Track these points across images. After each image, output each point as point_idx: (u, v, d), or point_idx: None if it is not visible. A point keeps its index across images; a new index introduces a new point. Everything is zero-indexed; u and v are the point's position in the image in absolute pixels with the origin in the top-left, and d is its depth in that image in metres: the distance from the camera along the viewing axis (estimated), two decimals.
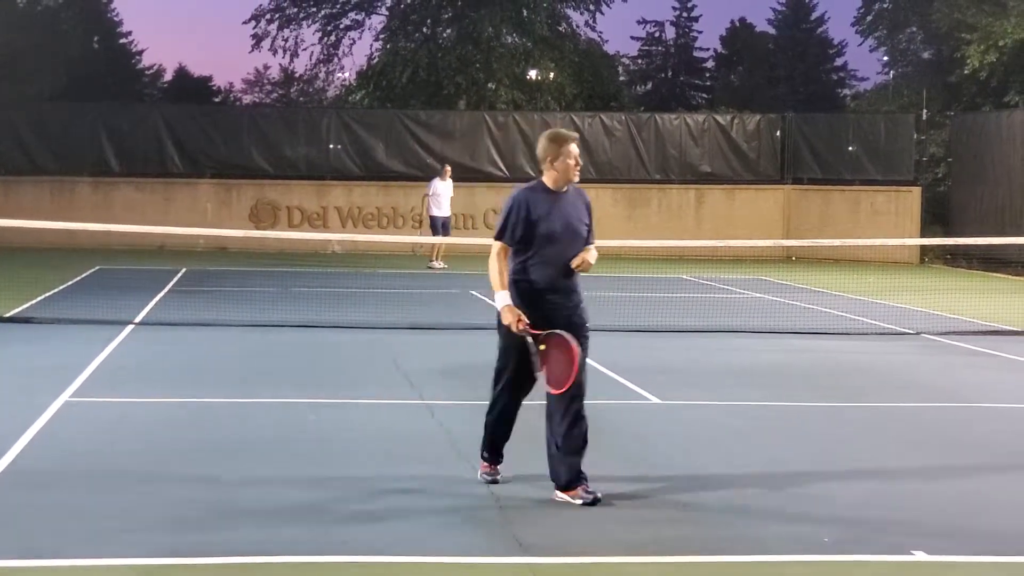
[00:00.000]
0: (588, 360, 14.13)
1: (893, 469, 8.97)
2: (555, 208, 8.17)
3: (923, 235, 32.77)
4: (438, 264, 27.84)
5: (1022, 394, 12.58)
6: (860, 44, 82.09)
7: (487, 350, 14.93)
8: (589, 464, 9.06)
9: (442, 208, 27.67)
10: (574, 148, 8.06)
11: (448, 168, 28.43)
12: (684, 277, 26.97)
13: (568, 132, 8.24)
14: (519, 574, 6.41)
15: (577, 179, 8.20)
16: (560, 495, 7.81)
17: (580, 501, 7.70)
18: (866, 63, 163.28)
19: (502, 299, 8.27)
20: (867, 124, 36.44)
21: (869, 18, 46.77)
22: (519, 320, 8.13)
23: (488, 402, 8.63)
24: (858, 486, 8.44)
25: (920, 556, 6.68)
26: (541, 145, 8.19)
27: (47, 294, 20.29)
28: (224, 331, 16.12)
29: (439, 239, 27.22)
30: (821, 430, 10.66)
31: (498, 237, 8.44)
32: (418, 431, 10.03)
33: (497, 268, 8.39)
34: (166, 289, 21.81)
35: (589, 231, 8.27)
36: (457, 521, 7.39)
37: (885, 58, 49.91)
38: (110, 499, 7.75)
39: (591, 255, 8.11)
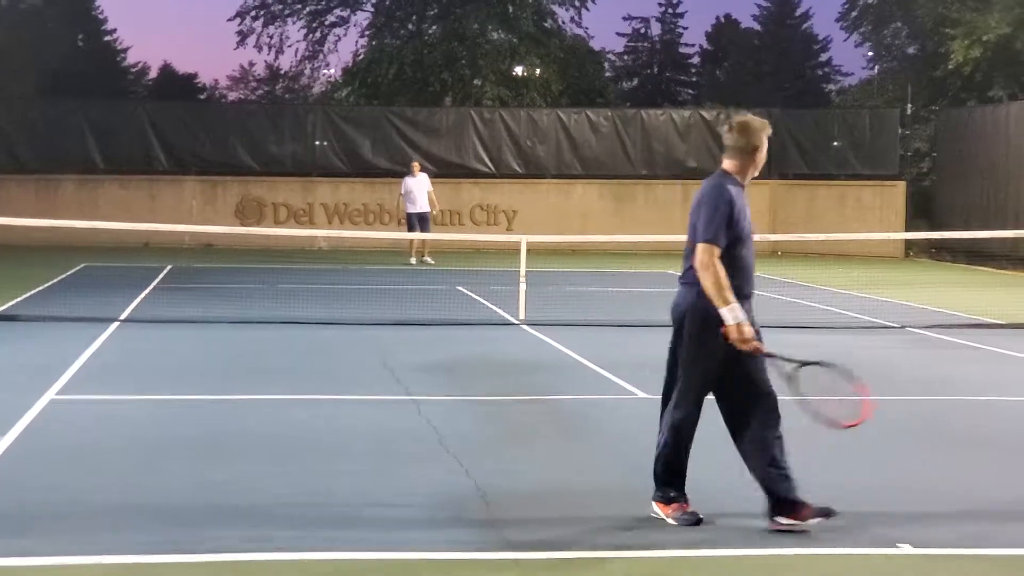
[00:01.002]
0: (575, 355, 14.16)
1: (878, 462, 8.98)
2: (745, 205, 7.49)
3: (908, 229, 32.82)
4: (414, 260, 27.65)
5: (1006, 386, 12.61)
6: (845, 40, 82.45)
7: (473, 346, 14.98)
8: (577, 457, 9.08)
9: (416, 204, 27.55)
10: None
11: (416, 164, 28.35)
12: (670, 272, 26.92)
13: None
14: (505, 569, 6.41)
15: None
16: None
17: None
18: (851, 59, 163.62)
19: (734, 315, 7.14)
20: (852, 119, 36.55)
21: (854, 14, 46.77)
22: (756, 343, 7.34)
23: (661, 428, 7.65)
24: (843, 479, 8.46)
25: (906, 549, 6.69)
26: (745, 133, 7.44)
27: (32, 292, 20.24)
28: (210, 328, 16.09)
29: (416, 235, 27.19)
30: (805, 423, 10.63)
31: (710, 240, 7.26)
32: (405, 427, 10.01)
33: (720, 276, 7.18)
34: (152, 286, 21.77)
35: None
36: (443, 517, 7.38)
37: (870, 53, 49.95)
38: (97, 497, 7.73)
39: None
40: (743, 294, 7.31)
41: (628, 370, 13.00)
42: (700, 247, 7.29)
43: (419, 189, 27.63)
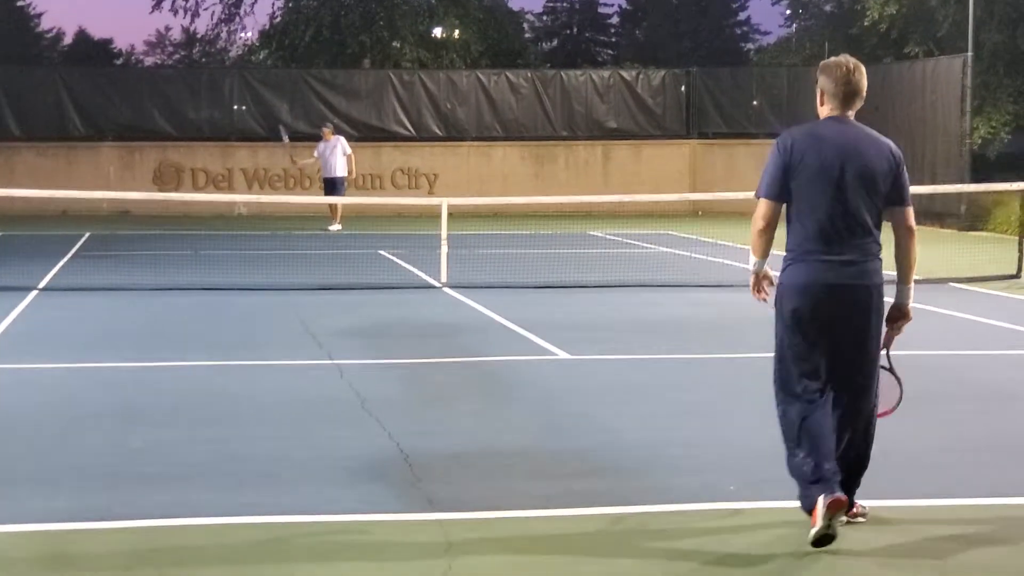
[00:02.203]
0: (497, 317, 14.16)
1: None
2: None
3: None
4: (334, 227, 27.38)
5: (937, 340, 12.59)
6: None
7: (395, 309, 14.97)
8: (498, 418, 9.11)
9: (330, 169, 27.26)
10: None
11: (326, 129, 28.00)
12: (591, 233, 27.08)
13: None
14: (428, 530, 6.43)
15: None
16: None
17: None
18: (768, 17, 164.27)
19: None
20: (770, 78, 36.80)
21: None
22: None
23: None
24: (762, 435, 8.51)
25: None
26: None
27: None
28: (130, 295, 15.96)
29: (333, 199, 26.81)
30: (725, 382, 10.78)
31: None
32: (327, 392, 9.99)
33: None
34: (70, 254, 21.55)
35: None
36: (367, 479, 7.39)
37: (787, 12, 50.19)
38: (13, 465, 7.67)
39: None
40: None
41: (549, 331, 13.05)
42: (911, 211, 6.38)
43: (331, 154, 27.31)
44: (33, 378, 10.63)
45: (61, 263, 20.00)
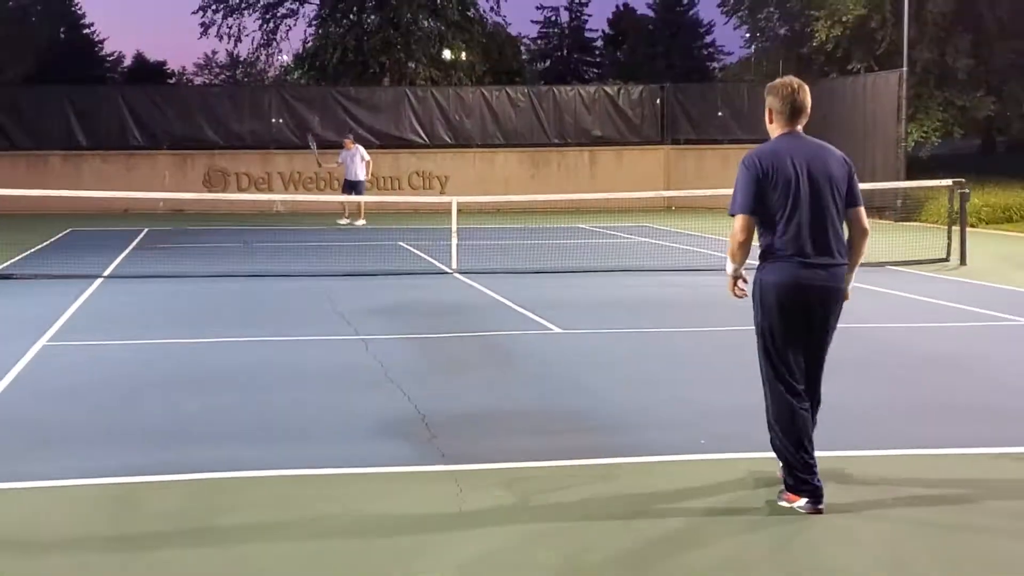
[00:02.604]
0: (500, 298, 14.15)
1: (755, 382, 9.08)
2: None
3: None
4: (343, 221, 27.35)
5: (877, 314, 12.54)
6: (725, 23, 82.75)
7: (413, 291, 14.97)
8: (503, 384, 9.11)
9: (352, 173, 27.13)
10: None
11: (348, 139, 27.86)
12: (580, 226, 27.06)
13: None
14: (442, 480, 6.43)
15: None
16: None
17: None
18: (731, 40, 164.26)
19: None
20: (733, 92, 36.75)
21: (732, 0, 46.87)
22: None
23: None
24: (727, 398, 8.55)
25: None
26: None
27: (25, 254, 19.97)
28: (183, 281, 15.94)
29: (346, 198, 26.84)
30: (696, 352, 10.78)
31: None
32: (354, 362, 9.99)
33: None
34: (131, 247, 21.53)
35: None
36: (389, 437, 7.39)
37: (747, 35, 50.07)
38: (85, 428, 7.66)
39: None
40: None
41: (544, 309, 13.04)
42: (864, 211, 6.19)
43: (350, 161, 27.23)
44: (100, 353, 10.63)
45: (123, 254, 19.99)
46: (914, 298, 14.25)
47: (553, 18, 78.24)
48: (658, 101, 35.69)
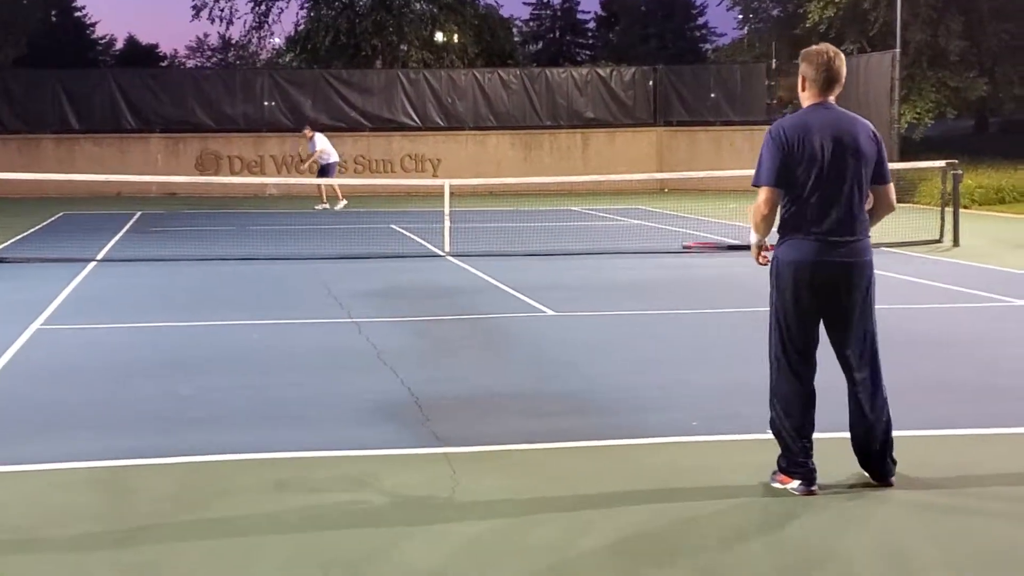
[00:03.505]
0: (492, 280, 14.10)
1: (747, 364, 9.10)
2: None
3: None
4: (329, 206, 27.15)
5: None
6: (718, 4, 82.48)
7: (406, 274, 14.96)
8: (495, 366, 9.11)
9: (324, 157, 26.99)
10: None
11: (306, 130, 27.61)
12: (573, 208, 27.05)
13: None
14: (436, 461, 6.44)
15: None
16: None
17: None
18: (724, 21, 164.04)
19: None
20: (726, 73, 36.72)
21: None
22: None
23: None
24: (719, 379, 8.58)
25: (768, 435, 6.71)
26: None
27: (17, 237, 19.94)
28: (176, 265, 15.93)
29: (324, 180, 26.56)
30: (688, 333, 10.79)
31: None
32: (347, 345, 9.99)
33: None
34: (124, 230, 21.50)
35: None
36: (382, 419, 7.39)
37: (739, 16, 50.00)
38: (80, 412, 7.66)
39: None
40: None
41: (537, 291, 13.05)
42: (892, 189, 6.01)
43: (322, 143, 26.95)
44: (93, 336, 10.62)
45: (116, 238, 19.96)
46: (908, 279, 14.26)
47: (545, 0, 78.13)
48: (650, 83, 35.64)
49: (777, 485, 5.90)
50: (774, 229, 6.01)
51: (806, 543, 5.21)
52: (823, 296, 5.82)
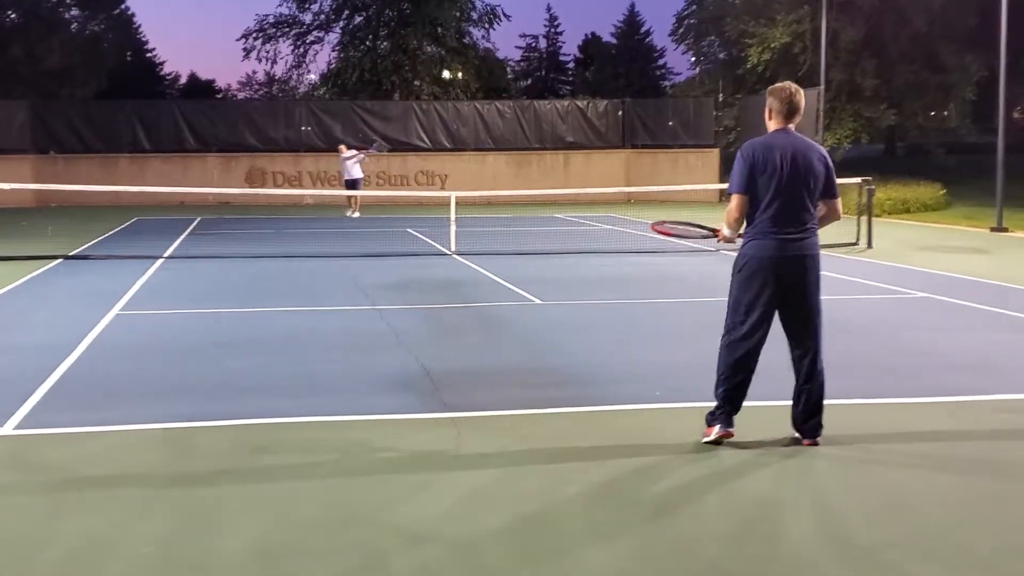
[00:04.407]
0: (491, 275, 13.99)
1: (702, 344, 9.08)
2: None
3: (720, 182, 33.05)
4: (350, 213, 27.05)
5: None
6: (675, 49, 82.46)
7: (419, 269, 14.93)
8: (494, 346, 9.08)
9: (350, 173, 26.91)
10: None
11: (341, 147, 27.48)
12: (556, 215, 27.01)
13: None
14: (444, 425, 6.41)
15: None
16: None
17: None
18: (679, 62, 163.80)
19: None
20: (681, 106, 36.64)
21: (681, 30, 46.77)
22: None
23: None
24: (678, 357, 8.55)
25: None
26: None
27: (99, 238, 19.86)
28: (230, 261, 15.88)
29: (348, 192, 26.39)
30: (651, 320, 10.77)
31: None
32: (371, 328, 9.96)
33: None
34: (186, 233, 21.42)
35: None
36: (399, 390, 7.36)
37: (693, 59, 49.99)
38: (149, 382, 7.62)
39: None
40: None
41: (527, 284, 13.02)
42: (840, 202, 6.05)
43: (349, 163, 26.82)
44: (161, 320, 10.57)
45: (180, 239, 19.89)
46: (830, 275, 14.21)
47: (533, 44, 78.28)
48: (620, 113, 35.57)
49: (705, 440, 5.92)
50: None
51: (750, 491, 5.20)
52: (782, 282, 5.86)
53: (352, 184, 26.69)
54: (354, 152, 26.90)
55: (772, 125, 6.03)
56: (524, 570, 4.25)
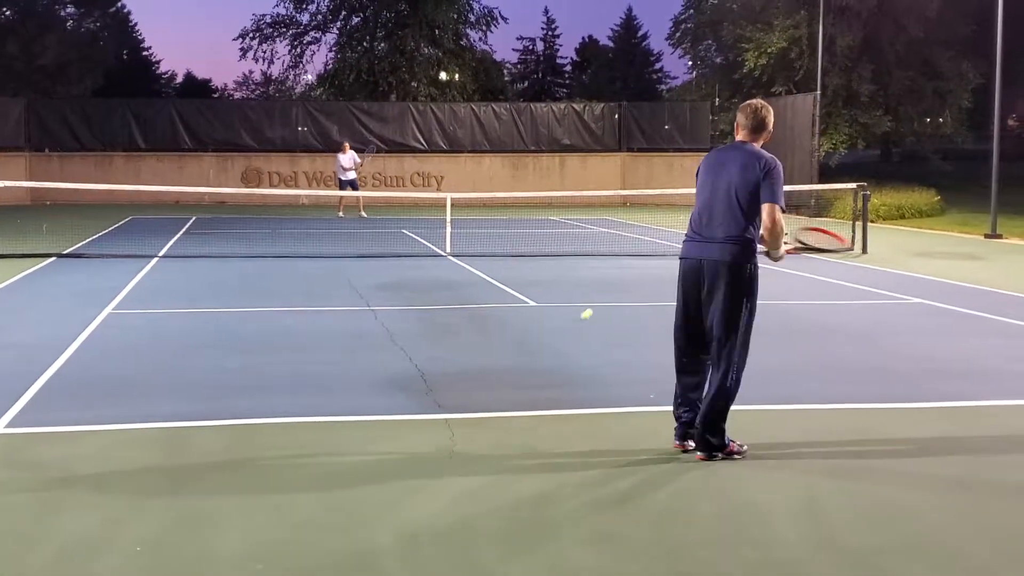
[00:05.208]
0: (485, 276, 13.97)
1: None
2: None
3: None
4: (341, 214, 26.90)
5: (795, 293, 12.64)
6: (672, 53, 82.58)
7: (414, 271, 14.92)
8: (487, 347, 9.08)
9: (345, 174, 26.84)
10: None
11: (345, 144, 27.62)
12: (552, 218, 27.03)
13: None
14: (437, 426, 6.41)
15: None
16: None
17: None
18: (676, 66, 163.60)
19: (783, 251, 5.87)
20: (677, 109, 36.72)
21: (678, 34, 46.78)
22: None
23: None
24: (672, 359, 8.52)
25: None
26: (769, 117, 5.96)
27: (93, 237, 19.83)
28: (225, 261, 15.86)
29: (346, 193, 26.31)
30: (646, 322, 10.77)
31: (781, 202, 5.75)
32: (365, 328, 9.96)
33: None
34: (181, 232, 21.41)
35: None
36: (393, 390, 7.36)
37: (689, 63, 50.02)
38: (144, 381, 7.62)
39: None
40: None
41: (522, 286, 13.03)
42: (775, 209, 5.65)
43: (348, 162, 26.91)
44: (156, 319, 10.56)
45: (175, 238, 19.87)
46: (825, 280, 14.28)
47: (530, 47, 78.20)
48: (616, 116, 35.62)
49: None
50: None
51: (743, 495, 5.21)
52: (696, 287, 5.87)
53: (353, 184, 26.72)
54: (352, 154, 26.94)
55: (737, 137, 5.98)
56: (517, 571, 4.26)
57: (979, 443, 6.22)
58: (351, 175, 26.77)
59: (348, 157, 26.78)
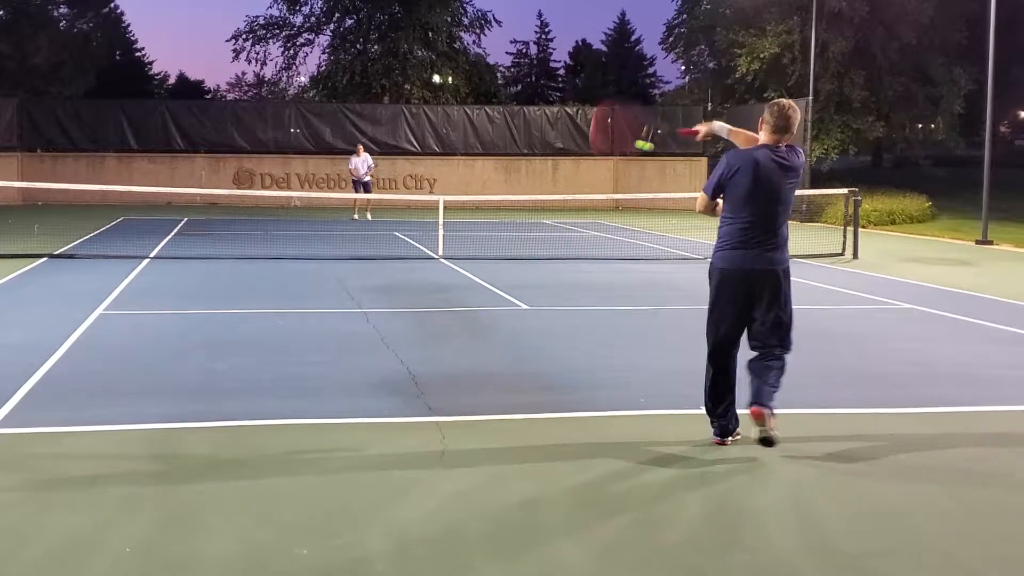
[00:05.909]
0: (477, 279, 13.97)
1: (686, 352, 9.08)
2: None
3: None
4: (356, 216, 27.16)
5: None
6: (665, 58, 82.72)
7: (406, 273, 14.90)
8: (478, 350, 9.07)
9: (358, 175, 27.00)
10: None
11: (359, 147, 27.71)
12: (545, 221, 27.02)
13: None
14: (429, 429, 6.40)
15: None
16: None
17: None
18: (669, 71, 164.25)
19: None
20: (670, 114, 36.72)
21: (671, 39, 46.84)
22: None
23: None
24: (663, 364, 8.56)
25: (702, 411, 6.71)
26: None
27: (85, 238, 19.77)
28: (216, 262, 15.82)
29: (359, 195, 26.68)
30: (637, 326, 10.77)
31: None
32: (356, 330, 9.94)
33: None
34: (172, 233, 21.36)
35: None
36: (385, 393, 7.34)
37: (682, 68, 50.10)
38: (134, 383, 7.59)
39: None
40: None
41: (514, 289, 13.02)
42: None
43: (361, 164, 27.04)
44: (146, 320, 10.53)
45: (166, 239, 19.82)
46: (816, 285, 14.30)
47: (524, 50, 78.27)
48: (609, 120, 35.57)
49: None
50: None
51: (734, 498, 5.20)
52: (747, 292, 6.33)
53: (366, 187, 26.84)
54: (366, 156, 27.03)
55: (762, 136, 6.23)
56: (506, 573, 4.25)
57: (972, 448, 6.23)
58: (365, 177, 26.86)
59: (362, 160, 26.83)
